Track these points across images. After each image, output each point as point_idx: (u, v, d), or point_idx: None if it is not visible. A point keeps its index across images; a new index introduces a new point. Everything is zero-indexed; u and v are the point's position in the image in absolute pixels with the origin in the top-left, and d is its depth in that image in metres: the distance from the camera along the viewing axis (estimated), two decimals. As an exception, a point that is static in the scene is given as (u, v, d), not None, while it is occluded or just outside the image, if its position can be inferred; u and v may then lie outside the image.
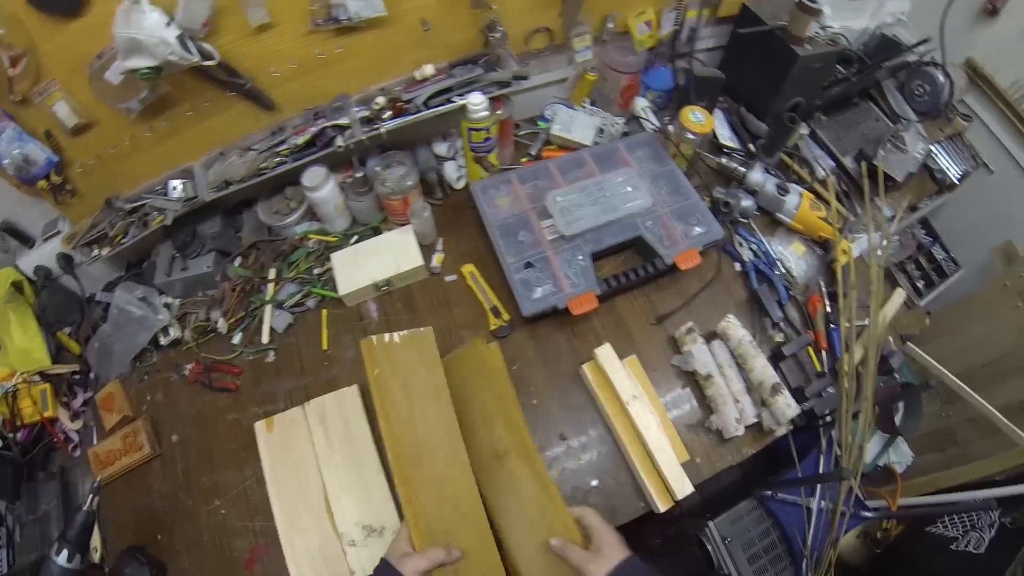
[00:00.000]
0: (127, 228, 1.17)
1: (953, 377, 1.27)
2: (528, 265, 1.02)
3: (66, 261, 1.23)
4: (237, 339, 1.14)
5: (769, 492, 1.26)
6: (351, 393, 1.00)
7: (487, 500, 0.83)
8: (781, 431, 1.03)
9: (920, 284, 1.61)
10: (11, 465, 1.11)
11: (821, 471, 1.16)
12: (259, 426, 1.02)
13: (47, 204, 1.16)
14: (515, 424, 0.88)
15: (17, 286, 1.22)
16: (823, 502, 1.20)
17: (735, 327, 1.03)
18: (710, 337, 1.06)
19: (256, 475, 1.02)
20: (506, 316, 1.04)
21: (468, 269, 1.09)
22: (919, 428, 1.29)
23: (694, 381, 1.03)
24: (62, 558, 0.81)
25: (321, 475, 0.97)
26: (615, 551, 0.74)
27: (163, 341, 1.18)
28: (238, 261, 1.19)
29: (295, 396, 1.07)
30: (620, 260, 1.11)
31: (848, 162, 1.28)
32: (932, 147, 1.34)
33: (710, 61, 1.33)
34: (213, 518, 1.01)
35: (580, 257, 1.03)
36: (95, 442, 1.16)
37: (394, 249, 1.08)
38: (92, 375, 1.25)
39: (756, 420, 1.00)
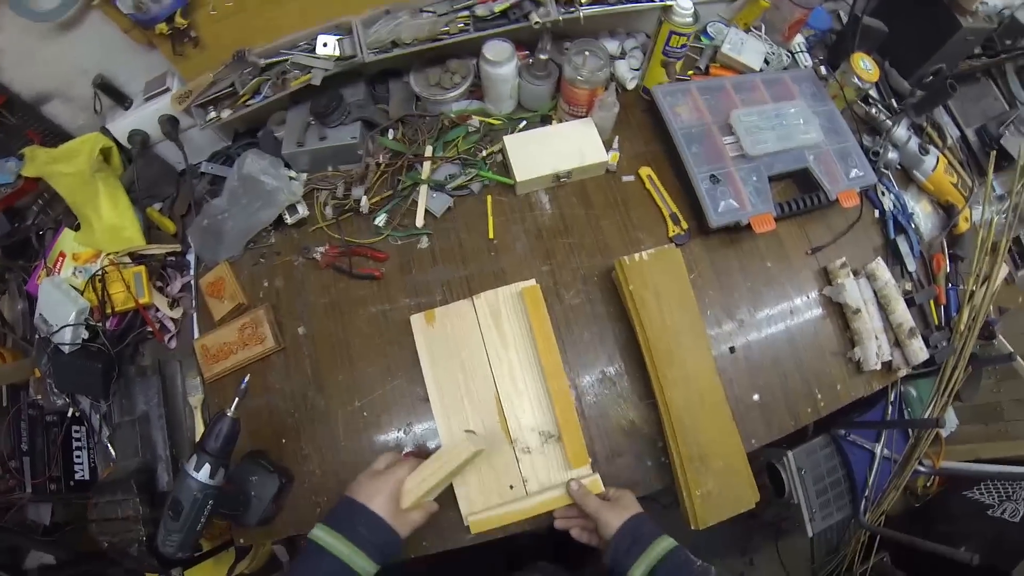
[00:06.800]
0: (259, 87, 1.04)
1: (1019, 357, 1.37)
2: (714, 179, 1.01)
3: (171, 124, 1.08)
4: (381, 221, 1.05)
5: (843, 432, 1.34)
6: (530, 288, 0.93)
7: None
8: (903, 372, 1.09)
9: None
10: (101, 359, 1.00)
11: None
12: (416, 319, 0.94)
13: (158, 56, 1.02)
14: (698, 331, 0.90)
15: (104, 154, 1.07)
16: (887, 451, 1.31)
17: (883, 269, 1.08)
18: (856, 274, 1.10)
19: (408, 374, 0.95)
20: (684, 224, 1.03)
21: (646, 172, 1.06)
22: (974, 398, 1.40)
23: (839, 312, 1.07)
24: (203, 473, 0.71)
25: (493, 376, 0.90)
26: (630, 507, 0.80)
27: (288, 220, 1.06)
28: (389, 134, 1.09)
29: (456, 288, 1.00)
30: (780, 188, 1.12)
31: (970, 134, 1.34)
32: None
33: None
34: (353, 421, 0.94)
35: (755, 178, 1.04)
36: (196, 333, 1.06)
37: (574, 141, 1.03)
38: (190, 257, 1.13)
39: (889, 359, 1.06)
